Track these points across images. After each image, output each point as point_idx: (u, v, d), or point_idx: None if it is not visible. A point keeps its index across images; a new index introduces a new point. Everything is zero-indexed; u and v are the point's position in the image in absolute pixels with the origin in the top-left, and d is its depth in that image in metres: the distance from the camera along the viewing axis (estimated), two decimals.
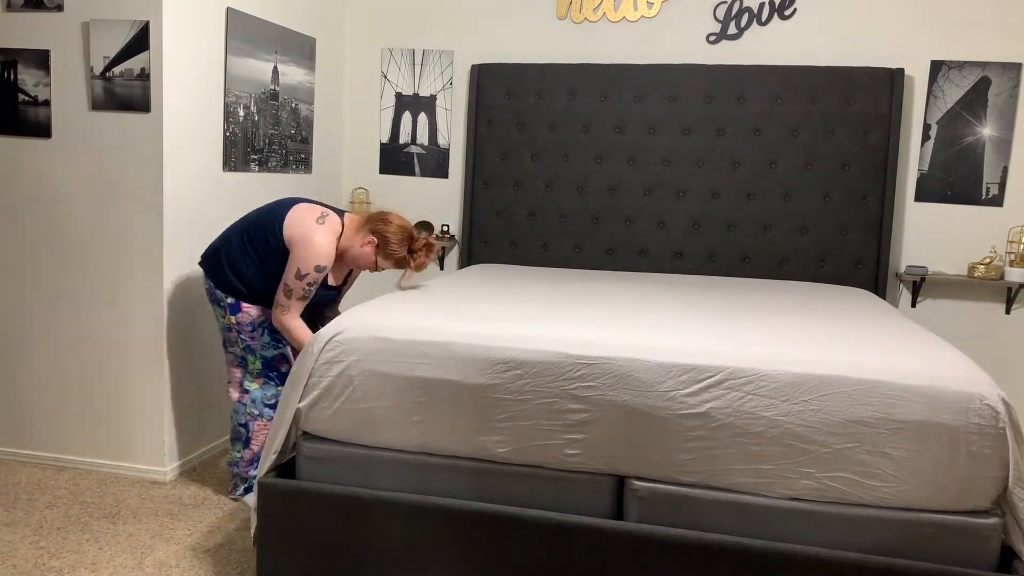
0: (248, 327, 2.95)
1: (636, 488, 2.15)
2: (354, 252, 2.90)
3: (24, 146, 3.25)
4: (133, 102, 3.11)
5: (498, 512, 2.15)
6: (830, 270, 3.97)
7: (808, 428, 2.03)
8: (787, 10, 4.02)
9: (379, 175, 4.58)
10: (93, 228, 3.22)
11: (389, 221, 2.90)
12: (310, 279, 2.80)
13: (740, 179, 4.02)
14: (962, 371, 2.07)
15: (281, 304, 2.83)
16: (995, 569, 1.98)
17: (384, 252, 2.89)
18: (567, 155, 4.20)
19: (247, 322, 2.95)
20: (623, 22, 4.20)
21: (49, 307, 3.31)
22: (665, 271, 4.13)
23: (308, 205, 2.92)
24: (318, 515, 2.26)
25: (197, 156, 3.33)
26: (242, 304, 2.93)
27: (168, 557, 2.63)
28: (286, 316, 2.83)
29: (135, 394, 3.26)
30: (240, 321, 2.94)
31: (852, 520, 2.02)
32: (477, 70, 4.29)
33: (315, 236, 2.79)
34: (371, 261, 2.91)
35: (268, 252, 2.87)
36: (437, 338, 2.27)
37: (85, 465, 3.34)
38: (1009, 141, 3.83)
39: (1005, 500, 1.97)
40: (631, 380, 2.12)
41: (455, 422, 2.24)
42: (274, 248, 2.85)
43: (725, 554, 2.02)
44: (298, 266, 2.78)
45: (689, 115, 4.06)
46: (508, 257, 4.31)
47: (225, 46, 3.44)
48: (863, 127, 3.88)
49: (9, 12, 3.20)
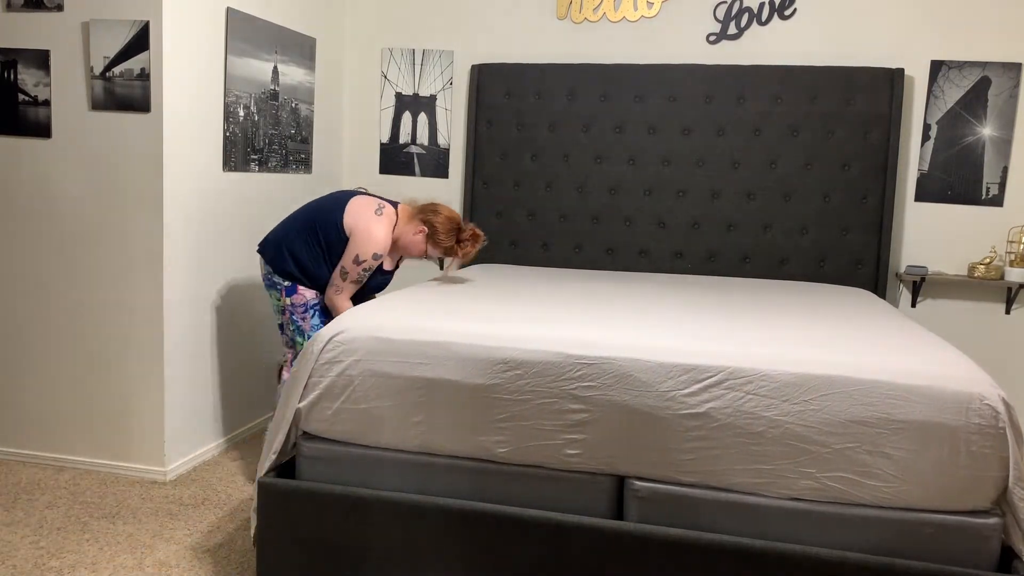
0: (300, 308, 3.16)
1: (636, 488, 2.15)
2: (406, 240, 3.15)
3: (24, 146, 3.25)
4: (133, 102, 3.11)
5: (498, 512, 2.15)
6: (830, 270, 3.97)
7: (808, 428, 2.03)
8: (787, 10, 4.02)
9: (379, 175, 4.58)
10: (93, 228, 3.22)
11: (439, 212, 3.16)
12: (366, 265, 3.06)
13: (740, 179, 4.03)
14: (962, 371, 2.07)
15: (336, 284, 3.10)
16: (995, 569, 1.98)
17: (433, 241, 3.14)
18: (567, 155, 4.20)
19: (300, 303, 3.16)
20: (623, 22, 4.20)
21: (49, 307, 3.31)
22: (665, 271, 4.13)
23: (365, 198, 3.18)
24: (318, 515, 2.26)
25: (197, 156, 3.33)
26: (298, 287, 3.16)
27: (168, 557, 2.63)
28: (339, 296, 3.11)
29: (135, 394, 3.26)
30: (294, 303, 3.15)
31: (852, 520, 2.02)
32: (477, 70, 4.29)
33: (374, 226, 3.06)
34: (421, 249, 3.17)
35: (330, 243, 3.11)
36: (437, 338, 2.27)
37: (85, 465, 3.34)
38: (1009, 141, 3.84)
39: (1005, 500, 1.97)
40: (631, 380, 2.12)
41: (455, 422, 2.24)
42: (336, 240, 3.09)
43: (725, 554, 2.02)
44: (357, 252, 3.04)
45: (689, 115, 4.06)
46: (508, 257, 4.31)
47: (225, 46, 3.44)
48: (863, 127, 3.89)
49: (9, 12, 3.20)
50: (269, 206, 3.88)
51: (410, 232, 3.14)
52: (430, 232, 3.12)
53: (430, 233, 3.12)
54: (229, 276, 3.60)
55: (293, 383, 2.35)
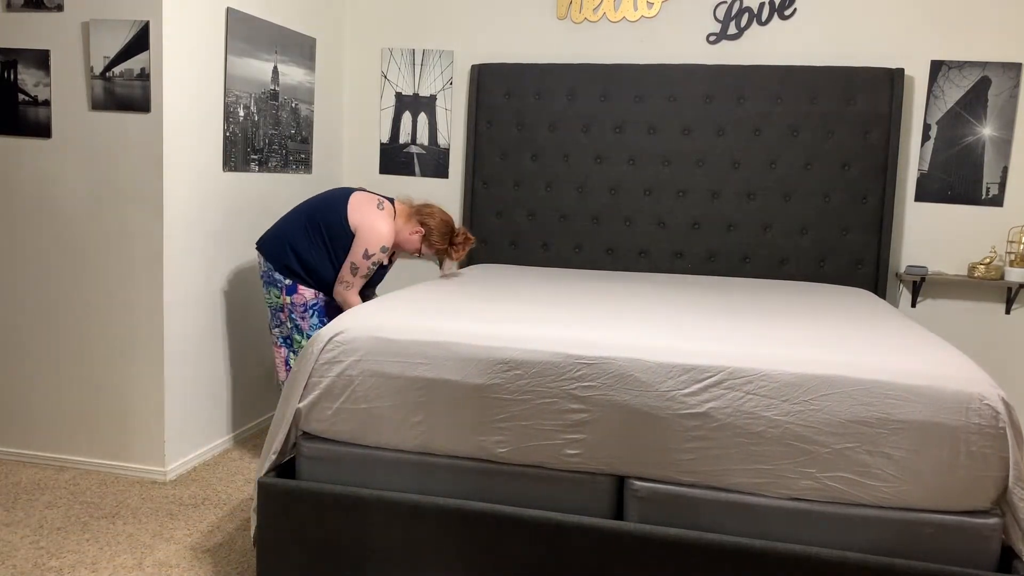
0: (300, 307, 3.24)
1: (636, 488, 2.15)
2: (402, 237, 3.28)
3: (24, 146, 3.25)
4: (133, 102, 3.11)
5: (498, 512, 2.15)
6: (830, 270, 3.97)
7: (808, 428, 2.03)
8: (787, 10, 4.02)
9: (379, 175, 4.58)
10: (93, 228, 3.22)
11: (433, 215, 3.29)
12: (375, 259, 3.17)
13: (740, 179, 4.03)
14: (962, 371, 2.07)
15: (346, 281, 3.19)
16: (995, 569, 1.98)
17: (428, 242, 3.29)
18: (567, 155, 4.20)
19: (300, 303, 3.24)
20: (623, 22, 4.20)
21: (49, 307, 3.31)
22: (665, 271, 4.13)
23: (364, 194, 3.27)
24: (318, 515, 2.26)
25: (197, 156, 3.33)
26: (299, 286, 3.23)
27: (168, 557, 2.63)
28: (349, 292, 3.21)
29: (135, 394, 3.26)
30: (294, 302, 3.24)
31: (852, 520, 2.02)
32: (477, 70, 4.29)
33: (378, 221, 3.16)
34: (416, 248, 3.31)
35: (334, 239, 3.19)
36: (437, 338, 2.27)
37: (85, 465, 3.34)
38: (1009, 141, 3.84)
39: (1005, 500, 1.97)
40: (631, 380, 2.12)
41: (455, 422, 2.24)
42: (340, 234, 3.18)
43: (725, 554, 2.02)
44: (366, 247, 3.14)
45: (689, 115, 4.06)
46: (508, 257, 4.31)
47: (225, 46, 3.44)
48: (863, 127, 3.89)
49: (9, 12, 3.20)
50: (269, 206, 3.88)
51: (407, 231, 3.27)
52: (426, 234, 3.28)
53: (426, 235, 3.28)
54: (229, 276, 3.60)
55: (293, 383, 2.35)
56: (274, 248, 3.24)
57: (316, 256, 3.20)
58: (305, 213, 3.24)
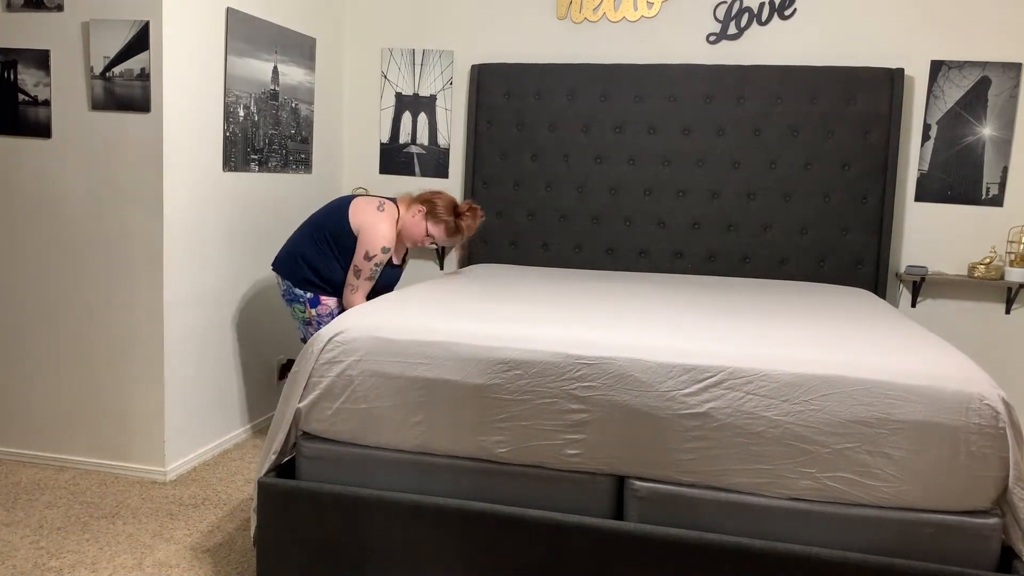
0: (327, 317, 3.28)
1: (636, 488, 2.15)
2: (407, 225, 3.27)
3: (24, 146, 3.25)
4: (133, 102, 3.11)
5: (498, 512, 2.15)
6: (830, 270, 3.97)
7: (808, 428, 2.03)
8: (787, 10, 4.02)
9: (379, 175, 4.58)
10: (93, 228, 3.22)
11: (436, 193, 3.32)
12: (377, 260, 3.18)
13: (740, 179, 4.03)
14: (962, 371, 2.07)
15: (351, 284, 3.22)
16: (995, 569, 1.98)
17: (434, 217, 3.25)
18: (567, 155, 4.20)
19: (326, 312, 3.29)
20: (623, 22, 4.20)
21: (49, 307, 3.31)
22: (665, 271, 4.13)
23: (365, 198, 3.31)
24: (318, 515, 2.26)
25: (197, 156, 3.33)
26: (320, 297, 3.28)
27: (168, 557, 2.63)
28: (355, 295, 3.22)
29: (135, 394, 3.26)
30: (320, 313, 3.29)
31: (852, 520, 2.02)
32: (477, 70, 4.29)
33: (378, 222, 3.19)
34: (422, 229, 3.27)
35: (339, 242, 3.22)
36: (437, 338, 2.27)
37: (85, 465, 3.34)
38: (1009, 141, 3.83)
39: (1005, 500, 1.97)
40: (631, 380, 2.12)
41: (455, 422, 2.24)
42: (345, 238, 3.21)
43: (725, 554, 2.02)
44: (366, 249, 3.16)
45: (689, 115, 4.06)
46: (508, 257, 4.31)
47: (225, 46, 3.44)
48: (863, 127, 3.89)
49: (9, 12, 3.20)
50: (269, 206, 3.88)
51: (410, 217, 3.28)
52: (429, 210, 3.25)
53: (429, 210, 3.25)
54: (229, 276, 3.60)
55: (293, 383, 2.35)
56: (289, 265, 3.28)
57: (329, 265, 3.24)
58: (311, 226, 3.29)
